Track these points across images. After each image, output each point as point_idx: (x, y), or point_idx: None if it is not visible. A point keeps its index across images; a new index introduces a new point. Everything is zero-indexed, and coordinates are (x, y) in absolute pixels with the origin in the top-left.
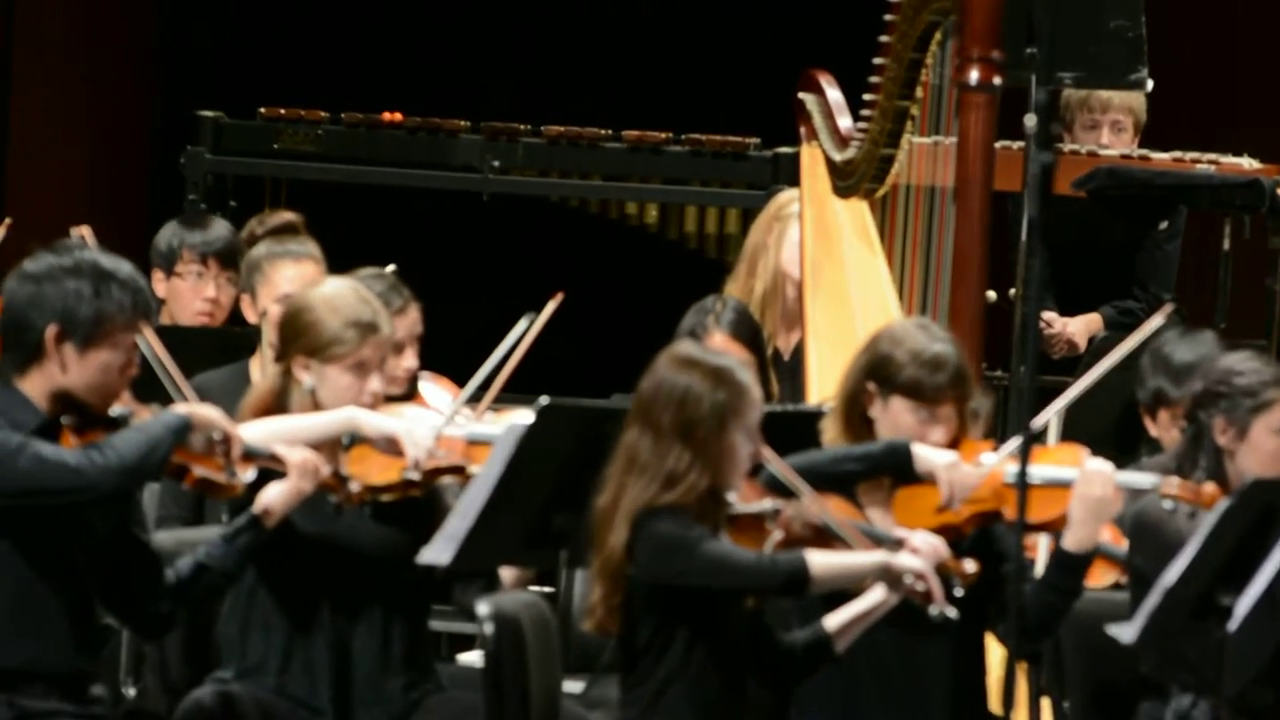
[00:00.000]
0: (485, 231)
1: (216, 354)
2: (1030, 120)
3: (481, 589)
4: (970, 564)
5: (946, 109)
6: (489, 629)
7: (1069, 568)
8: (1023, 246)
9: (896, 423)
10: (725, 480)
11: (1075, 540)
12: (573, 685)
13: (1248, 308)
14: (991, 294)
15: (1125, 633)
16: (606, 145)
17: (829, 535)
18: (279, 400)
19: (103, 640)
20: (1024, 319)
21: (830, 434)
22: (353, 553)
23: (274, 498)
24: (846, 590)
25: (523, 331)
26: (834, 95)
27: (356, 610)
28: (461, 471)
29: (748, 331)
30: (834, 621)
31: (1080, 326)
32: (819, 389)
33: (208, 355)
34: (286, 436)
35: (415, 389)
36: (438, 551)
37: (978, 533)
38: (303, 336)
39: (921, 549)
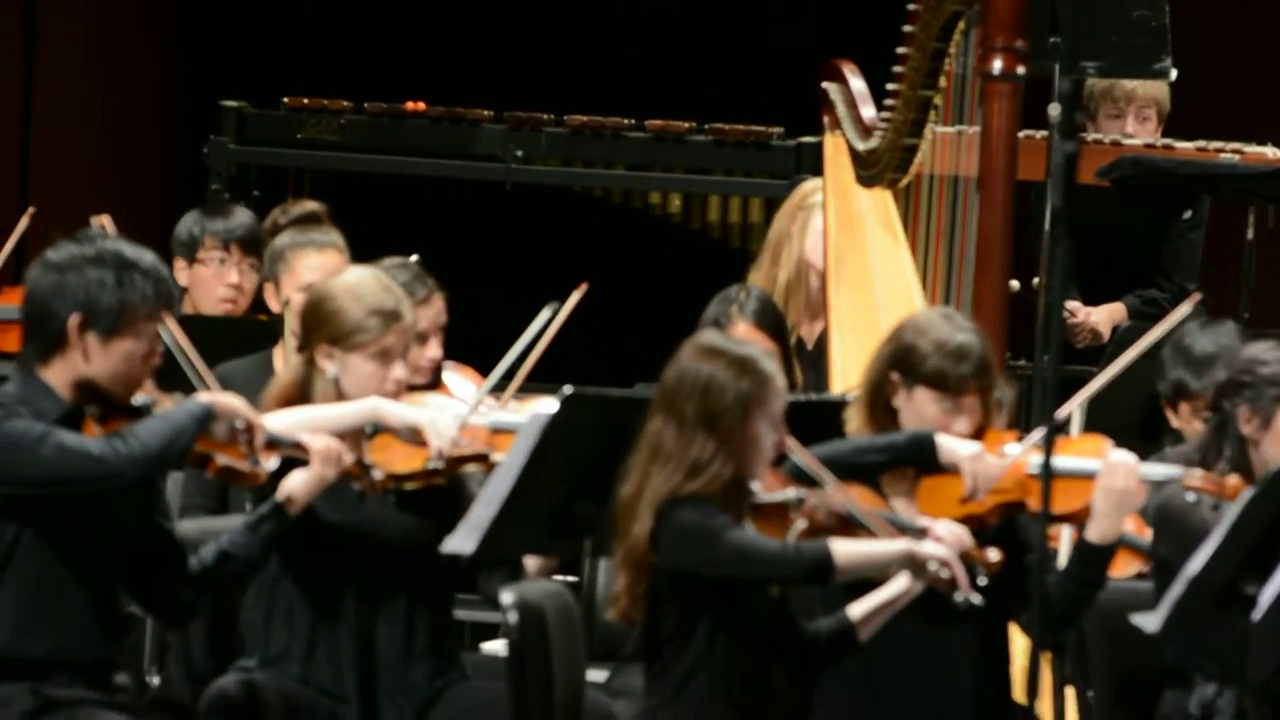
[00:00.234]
0: (508, 221)
1: (239, 343)
2: (1054, 109)
3: (505, 578)
4: (994, 553)
5: (970, 98)
6: (513, 618)
7: (1092, 559)
8: (1046, 236)
9: (920, 413)
10: (749, 469)
11: (1099, 532)
12: (597, 674)
13: (1271, 297)
14: (1015, 283)
15: (1149, 622)
16: (630, 135)
17: (853, 524)
18: (302, 389)
19: (127, 629)
20: (1047, 308)
21: (854, 424)
22: (377, 541)
23: (297, 485)
24: (870, 579)
25: (546, 321)
26: (857, 85)
27: (380, 599)
28: (485, 460)
29: (771, 321)
30: (858, 610)
31: (1104, 316)
32: (842, 378)
33: (231, 345)
34: (310, 426)
35: (439, 379)
36: (461, 541)
37: (1001, 523)
38: (325, 325)
39: (945, 537)
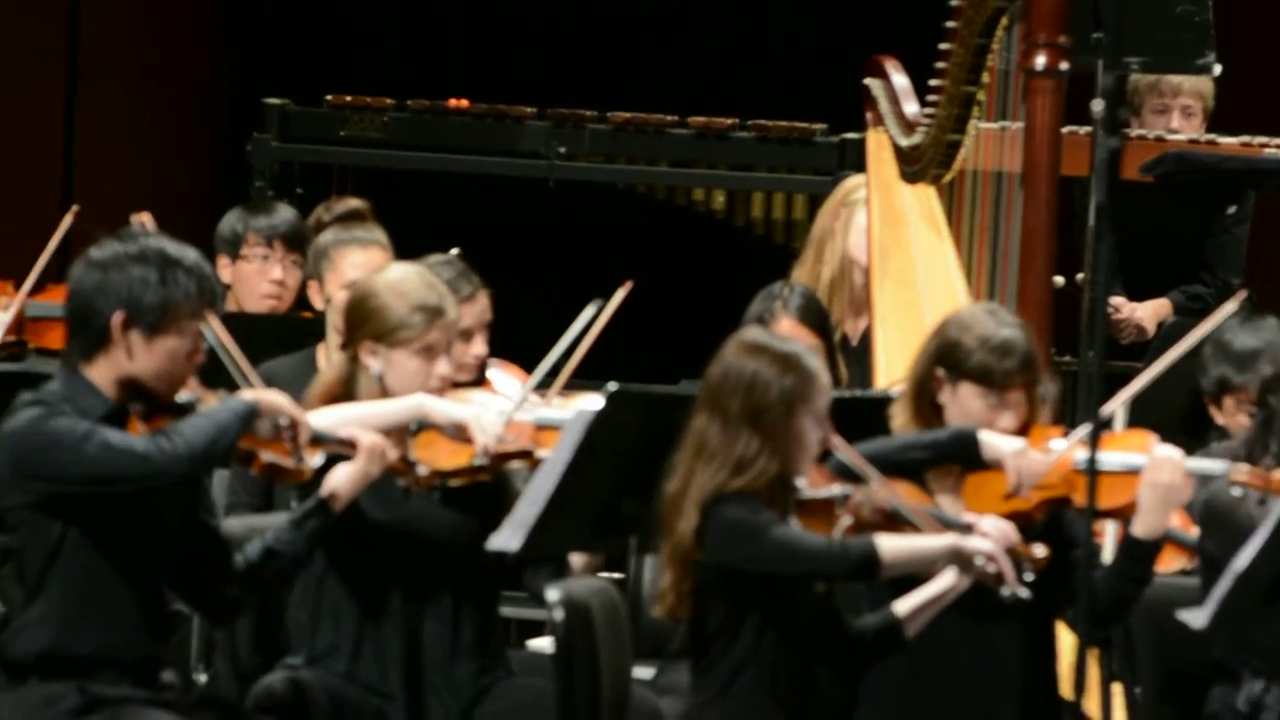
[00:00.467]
0: (551, 218)
1: (283, 341)
2: (1097, 105)
3: (551, 575)
4: (1040, 549)
5: (1013, 94)
6: (559, 615)
7: (1138, 555)
8: (1090, 231)
9: (966, 408)
10: (794, 466)
11: (1144, 527)
12: (643, 671)
13: None
14: (1059, 279)
15: (1196, 618)
16: (673, 131)
17: (898, 520)
18: (346, 386)
19: (173, 626)
20: (1092, 304)
21: (899, 420)
22: (422, 539)
23: (341, 481)
24: (916, 575)
25: (591, 318)
26: (900, 81)
27: (426, 596)
28: (530, 456)
29: (815, 317)
30: (904, 606)
31: (1149, 311)
32: (887, 374)
33: (274, 342)
34: (355, 423)
35: (484, 376)
36: (507, 538)
37: (1047, 519)
38: (369, 322)
39: (991, 532)
